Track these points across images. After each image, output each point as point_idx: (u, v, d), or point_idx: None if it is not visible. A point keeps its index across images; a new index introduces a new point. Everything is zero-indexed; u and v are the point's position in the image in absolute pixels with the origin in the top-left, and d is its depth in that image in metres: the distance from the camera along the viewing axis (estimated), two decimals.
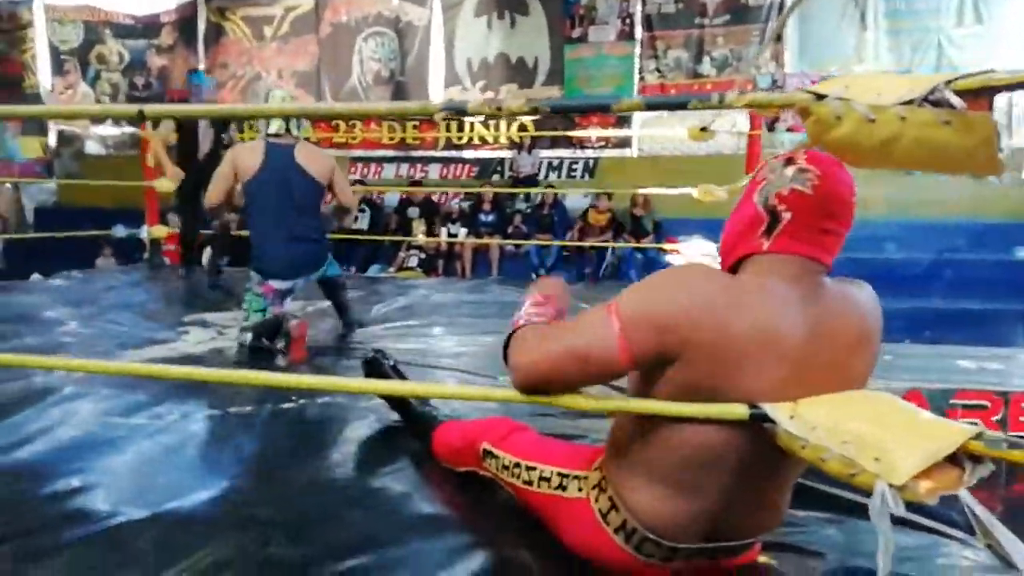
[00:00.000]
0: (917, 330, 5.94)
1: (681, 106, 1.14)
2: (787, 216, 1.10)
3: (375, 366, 1.97)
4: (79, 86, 10.03)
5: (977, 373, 3.06)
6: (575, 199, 8.32)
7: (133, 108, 1.10)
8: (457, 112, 1.15)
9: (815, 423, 1.00)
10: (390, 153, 9.52)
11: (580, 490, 1.29)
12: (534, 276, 7.42)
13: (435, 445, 1.71)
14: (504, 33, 9.05)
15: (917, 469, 0.91)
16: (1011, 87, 0.92)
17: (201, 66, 9.82)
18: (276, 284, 2.92)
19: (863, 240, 8.23)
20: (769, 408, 1.04)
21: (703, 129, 5.05)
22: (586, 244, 7.42)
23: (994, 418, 2.57)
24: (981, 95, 0.93)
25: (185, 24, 9.84)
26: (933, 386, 2.70)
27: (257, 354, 2.68)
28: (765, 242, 1.11)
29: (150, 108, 1.10)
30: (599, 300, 4.11)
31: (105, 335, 3.11)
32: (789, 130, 8.60)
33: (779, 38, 8.59)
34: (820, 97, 1.01)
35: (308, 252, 2.99)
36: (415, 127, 9.31)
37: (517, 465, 1.41)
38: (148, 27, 9.97)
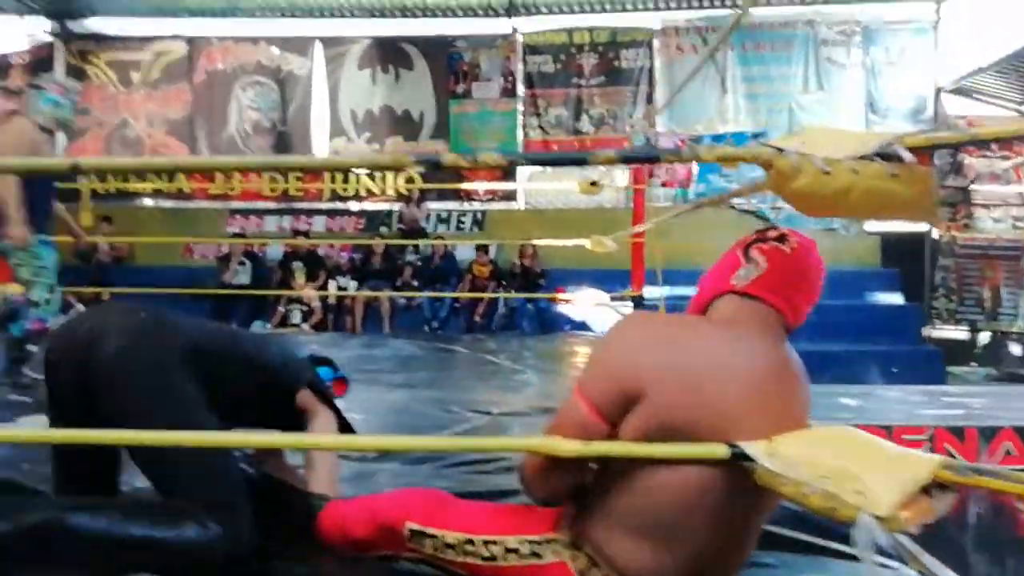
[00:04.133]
0: None
1: (655, 159, 1.18)
2: (764, 266, 1.18)
3: None
4: None
5: (858, 410, 3.32)
6: (465, 250, 8.37)
7: (67, 161, 0.98)
8: (432, 165, 1.11)
9: (794, 459, 1.02)
10: (271, 205, 9.19)
11: (555, 554, 1.22)
12: (427, 328, 7.31)
13: (326, 532, 1.44)
14: (388, 86, 9.09)
15: (899, 500, 0.94)
16: (953, 145, 1.01)
17: None
18: None
19: None
20: (747, 446, 1.05)
21: (593, 183, 5.27)
22: (483, 296, 7.41)
23: None
24: (922, 152, 1.02)
25: (39, 66, 9.10)
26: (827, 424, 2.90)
27: None
28: (738, 284, 1.19)
29: (87, 161, 0.98)
30: (496, 351, 4.05)
31: None
32: (663, 185, 9.15)
33: (650, 99, 9.21)
34: (781, 151, 1.07)
35: None
36: (298, 179, 9.06)
37: (470, 542, 1.27)
38: None
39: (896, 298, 8.11)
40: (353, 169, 8.93)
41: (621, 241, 5.40)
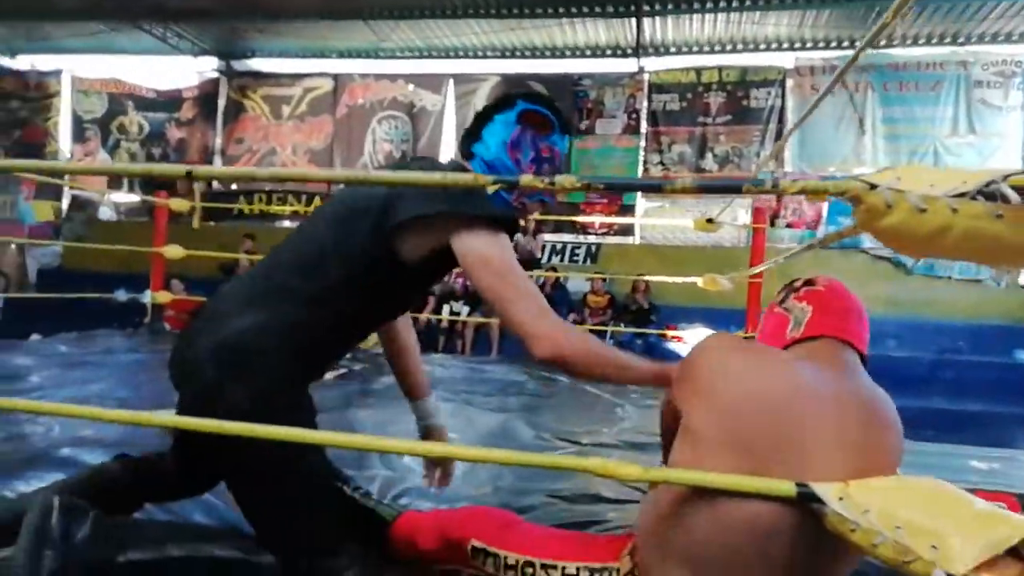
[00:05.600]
0: (919, 429, 5.85)
1: (735, 190, 1.16)
2: (809, 309, 1.20)
3: None
4: (98, 154, 10.29)
5: (990, 474, 2.99)
6: (577, 283, 8.38)
7: (182, 168, 1.10)
8: (508, 185, 1.15)
9: (867, 506, 0.96)
10: None
11: None
12: None
13: (397, 542, 1.48)
14: None
15: (978, 560, 0.87)
16: None
17: (218, 140, 10.09)
18: None
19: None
20: (818, 487, 0.99)
21: (709, 221, 5.14)
22: (586, 327, 7.39)
23: None
24: None
25: (206, 100, 10.20)
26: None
27: None
28: (796, 333, 1.19)
29: (199, 169, 1.10)
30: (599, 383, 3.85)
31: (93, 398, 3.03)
32: (788, 226, 8.78)
33: (779, 138, 8.91)
34: (873, 187, 1.02)
35: None
36: None
37: (529, 564, 1.27)
38: (170, 101, 10.33)
39: None
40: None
41: (737, 280, 5.22)
